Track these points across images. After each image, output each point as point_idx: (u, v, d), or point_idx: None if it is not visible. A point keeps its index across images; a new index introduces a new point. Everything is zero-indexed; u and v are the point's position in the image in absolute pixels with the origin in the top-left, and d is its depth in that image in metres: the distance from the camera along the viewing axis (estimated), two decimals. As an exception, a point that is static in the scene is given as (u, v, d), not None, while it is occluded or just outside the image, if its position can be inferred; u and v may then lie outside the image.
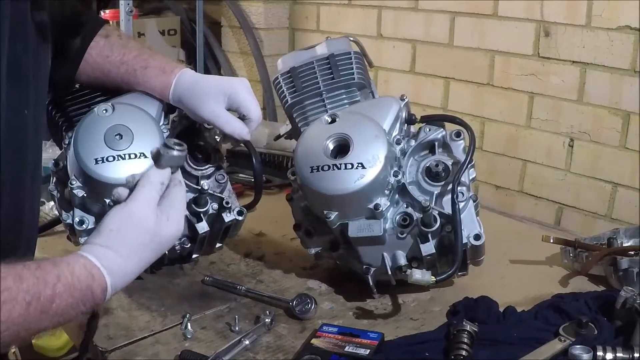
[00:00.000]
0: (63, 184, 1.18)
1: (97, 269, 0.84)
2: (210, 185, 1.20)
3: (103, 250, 0.85)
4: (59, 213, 1.21)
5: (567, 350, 0.96)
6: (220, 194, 1.21)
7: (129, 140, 1.11)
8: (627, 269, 1.21)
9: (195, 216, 1.18)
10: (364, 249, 1.17)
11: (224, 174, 1.24)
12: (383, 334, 1.06)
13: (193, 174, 1.20)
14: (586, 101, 2.04)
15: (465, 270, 1.22)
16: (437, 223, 1.13)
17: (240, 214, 1.23)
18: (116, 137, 1.11)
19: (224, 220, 1.21)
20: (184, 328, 1.10)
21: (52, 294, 0.79)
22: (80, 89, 1.23)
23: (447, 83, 2.42)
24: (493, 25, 2.23)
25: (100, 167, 1.09)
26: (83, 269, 0.83)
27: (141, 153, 1.10)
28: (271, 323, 1.11)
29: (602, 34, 1.97)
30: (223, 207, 1.20)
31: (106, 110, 1.13)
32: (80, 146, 1.11)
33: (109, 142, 1.11)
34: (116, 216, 0.87)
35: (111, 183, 1.06)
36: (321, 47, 1.31)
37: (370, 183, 1.12)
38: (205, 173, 1.21)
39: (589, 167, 2.07)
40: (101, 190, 1.09)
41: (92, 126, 1.13)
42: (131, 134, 1.11)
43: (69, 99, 1.22)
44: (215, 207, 1.20)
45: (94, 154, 1.10)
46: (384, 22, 2.59)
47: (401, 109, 1.23)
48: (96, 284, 0.83)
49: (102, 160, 1.09)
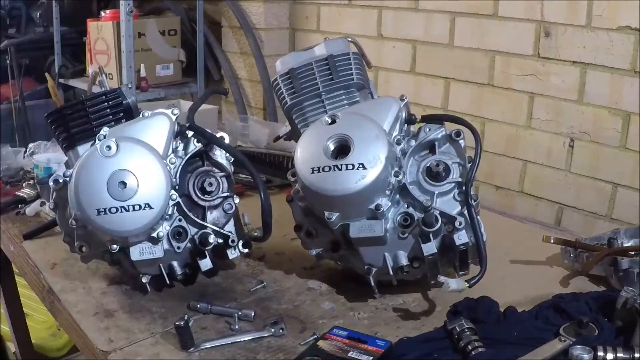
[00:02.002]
0: (64, 200, 1.14)
1: None
2: (216, 217, 1.16)
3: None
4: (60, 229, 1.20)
5: (568, 351, 0.96)
6: (225, 225, 1.16)
7: (133, 189, 1.07)
8: (628, 269, 1.21)
9: (198, 254, 1.16)
10: (365, 249, 1.17)
11: (233, 203, 1.18)
12: (391, 342, 1.06)
13: (200, 204, 1.17)
14: (586, 101, 2.04)
15: (467, 270, 1.22)
16: (438, 223, 1.13)
17: (246, 246, 1.19)
18: (120, 185, 1.07)
19: (228, 257, 1.19)
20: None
21: None
22: (80, 102, 1.17)
23: (447, 83, 2.42)
24: (493, 25, 2.24)
25: (102, 218, 1.06)
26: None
27: (146, 204, 1.07)
28: (274, 324, 1.12)
29: (602, 34, 1.97)
30: (228, 245, 1.17)
31: (109, 148, 1.08)
32: (81, 192, 1.07)
33: (112, 191, 1.06)
34: None
35: (114, 236, 1.05)
36: (320, 48, 1.32)
37: (372, 183, 1.12)
38: (213, 203, 1.17)
39: (589, 167, 2.07)
40: (104, 238, 1.08)
41: (95, 168, 1.08)
42: (136, 181, 1.07)
43: (68, 113, 1.16)
44: (220, 241, 1.16)
45: (96, 204, 1.06)
46: (384, 22, 2.59)
47: (401, 109, 1.23)
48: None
49: (104, 212, 1.06)
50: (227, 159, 1.21)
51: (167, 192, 1.09)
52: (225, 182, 1.19)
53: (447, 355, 1.00)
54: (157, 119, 1.16)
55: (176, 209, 1.14)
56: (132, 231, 1.08)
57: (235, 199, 1.18)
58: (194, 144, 1.19)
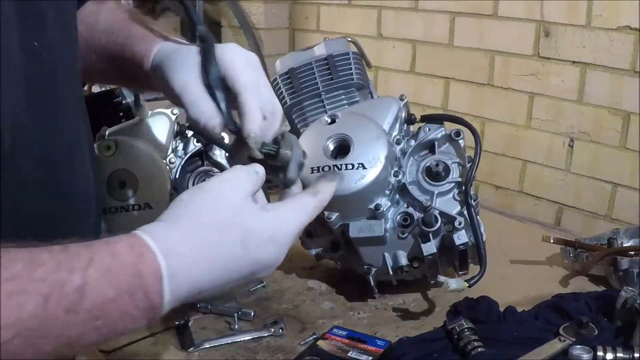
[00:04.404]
0: None
1: (147, 247, 0.59)
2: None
3: (158, 225, 0.62)
4: None
5: (567, 351, 0.96)
6: None
7: (132, 189, 1.07)
8: (628, 269, 1.21)
9: None
10: (365, 249, 1.17)
11: None
12: (391, 342, 1.06)
13: None
14: (586, 101, 2.04)
15: (466, 270, 1.22)
16: (437, 223, 1.13)
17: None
18: (119, 185, 1.07)
19: None
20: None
21: (82, 283, 0.54)
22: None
23: (447, 83, 2.42)
24: (493, 25, 2.23)
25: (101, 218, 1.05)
26: (128, 248, 0.58)
27: (145, 204, 1.07)
28: (274, 323, 1.12)
29: (602, 34, 1.96)
30: None
31: (109, 148, 1.08)
32: None
33: (112, 191, 1.07)
34: (187, 192, 0.65)
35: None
36: (319, 48, 1.32)
37: (371, 183, 1.12)
38: None
39: (589, 167, 2.07)
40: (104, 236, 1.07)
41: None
42: (135, 181, 1.07)
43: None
44: None
45: None
46: (384, 22, 2.59)
47: (401, 109, 1.23)
48: (146, 268, 0.57)
49: (103, 212, 1.05)
50: (226, 158, 1.21)
51: (166, 192, 1.09)
52: None
53: (446, 355, 1.00)
54: (157, 118, 1.16)
55: None
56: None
57: None
58: (193, 143, 1.19)
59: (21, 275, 0.51)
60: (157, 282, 0.58)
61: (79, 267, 0.54)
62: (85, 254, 0.56)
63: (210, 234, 0.61)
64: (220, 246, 0.61)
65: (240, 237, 0.62)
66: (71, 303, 0.53)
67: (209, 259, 0.60)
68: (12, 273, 0.51)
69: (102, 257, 0.56)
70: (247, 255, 0.63)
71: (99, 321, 0.55)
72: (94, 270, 0.54)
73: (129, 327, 0.58)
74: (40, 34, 0.70)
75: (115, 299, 0.55)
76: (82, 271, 0.54)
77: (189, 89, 0.76)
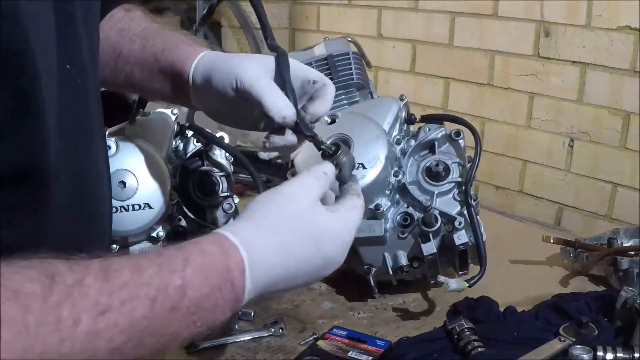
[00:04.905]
0: None
1: (230, 242, 0.64)
2: (217, 217, 1.15)
3: (237, 222, 0.68)
4: None
5: (567, 351, 0.96)
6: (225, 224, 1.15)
7: (133, 189, 1.06)
8: (628, 269, 1.21)
9: None
10: (365, 249, 1.17)
11: (232, 203, 1.16)
12: (391, 342, 1.06)
13: (200, 204, 1.16)
14: (586, 101, 2.04)
15: (466, 270, 1.22)
16: (437, 222, 1.13)
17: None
18: (119, 184, 1.06)
19: None
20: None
21: (182, 283, 0.59)
22: None
23: (447, 83, 2.42)
24: (493, 25, 2.24)
25: None
26: (214, 246, 0.63)
27: (145, 204, 1.06)
28: (274, 323, 1.12)
29: (602, 34, 1.97)
30: None
31: (109, 148, 1.07)
32: None
33: (112, 191, 1.04)
34: (263, 195, 0.70)
35: (114, 236, 1.04)
36: (319, 47, 1.32)
37: (371, 183, 1.12)
38: (213, 203, 1.16)
39: (589, 167, 2.07)
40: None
41: None
42: (136, 181, 1.07)
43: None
44: None
45: None
46: (384, 22, 2.59)
47: (401, 109, 1.23)
48: (232, 262, 0.63)
49: None
50: (227, 158, 1.20)
51: (166, 192, 1.09)
52: (225, 182, 1.18)
53: (446, 355, 1.00)
54: (157, 119, 1.16)
55: (176, 208, 1.14)
56: (132, 231, 1.07)
57: (235, 198, 1.18)
58: (193, 143, 1.18)
59: (130, 282, 0.56)
60: (241, 275, 0.63)
61: (178, 268, 0.59)
62: (180, 256, 0.61)
63: (285, 232, 0.67)
64: (295, 243, 0.67)
65: (313, 236, 0.68)
66: (174, 302, 0.58)
67: (284, 254, 0.66)
68: (122, 281, 0.56)
69: (195, 257, 0.61)
70: (319, 253, 0.69)
71: (195, 316, 0.59)
72: (191, 270, 0.60)
73: (218, 320, 0.63)
74: (75, 55, 0.72)
75: (209, 294, 0.60)
76: (181, 271, 0.59)
77: (262, 82, 0.80)
